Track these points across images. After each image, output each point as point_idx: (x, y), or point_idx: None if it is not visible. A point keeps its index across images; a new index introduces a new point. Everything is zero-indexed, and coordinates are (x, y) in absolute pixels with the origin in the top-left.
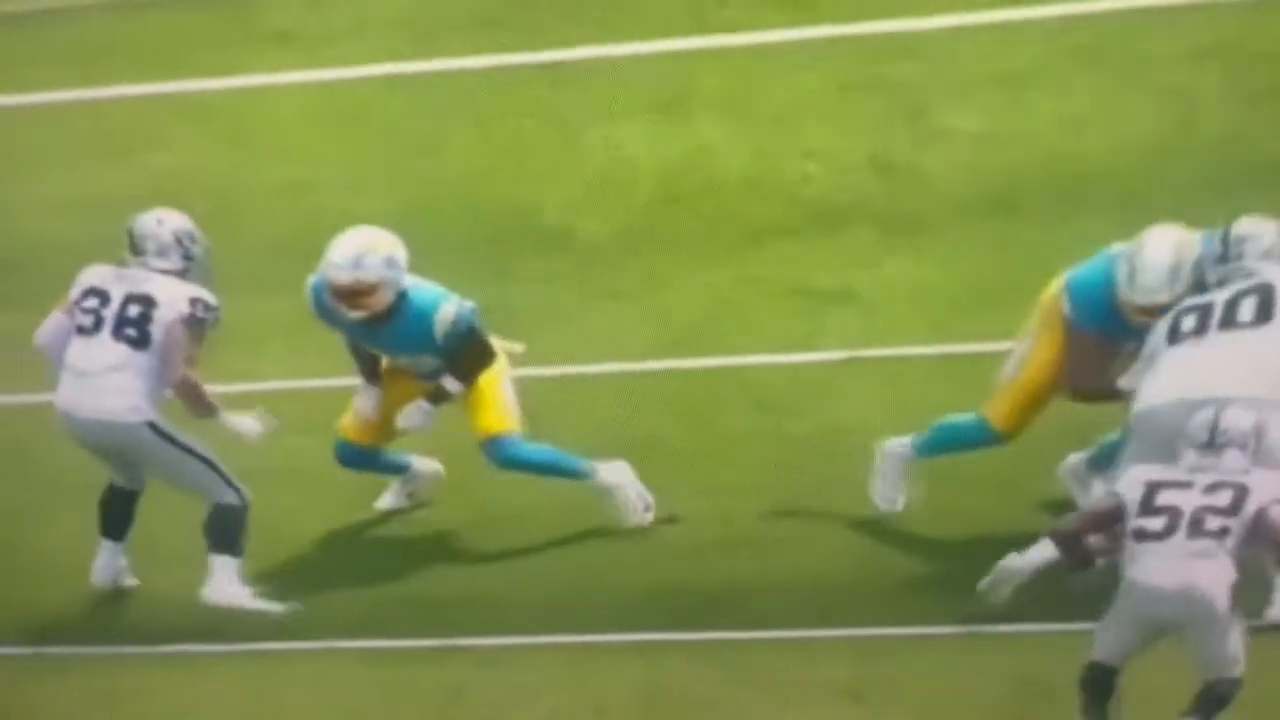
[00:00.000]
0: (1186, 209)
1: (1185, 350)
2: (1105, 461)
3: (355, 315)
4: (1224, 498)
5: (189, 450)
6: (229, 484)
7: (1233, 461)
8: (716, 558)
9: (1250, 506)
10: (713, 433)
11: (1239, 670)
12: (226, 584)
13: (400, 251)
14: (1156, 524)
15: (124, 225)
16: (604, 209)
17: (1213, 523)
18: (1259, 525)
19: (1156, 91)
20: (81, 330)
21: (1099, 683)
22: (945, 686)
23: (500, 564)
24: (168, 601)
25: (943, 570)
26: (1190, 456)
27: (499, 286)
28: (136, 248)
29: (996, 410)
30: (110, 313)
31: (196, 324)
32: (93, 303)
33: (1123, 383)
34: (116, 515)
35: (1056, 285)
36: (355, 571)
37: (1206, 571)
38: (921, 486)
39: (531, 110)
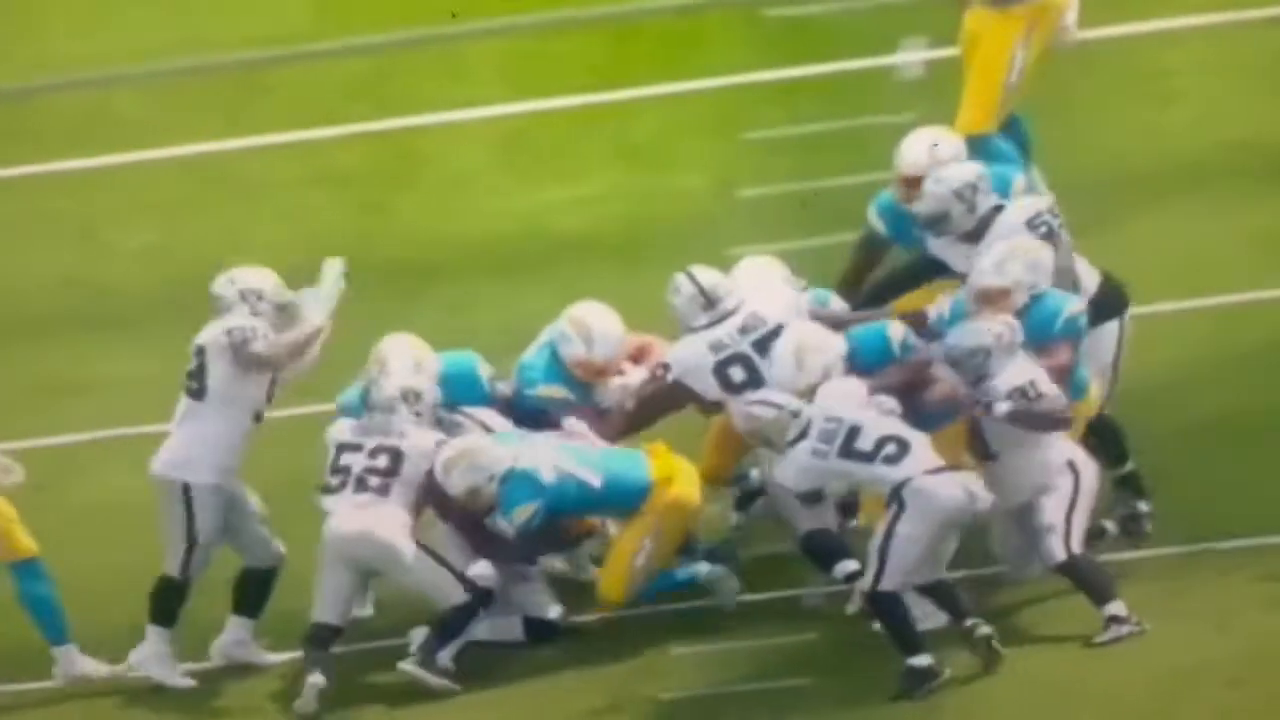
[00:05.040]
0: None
1: None
2: None
3: None
4: (383, 460)
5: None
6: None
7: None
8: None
9: (408, 468)
10: None
11: (459, 597)
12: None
13: None
14: (334, 481)
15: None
16: None
17: (374, 481)
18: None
19: (280, 209)
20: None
21: (322, 640)
22: None
23: None
24: None
25: None
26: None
27: None
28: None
29: None
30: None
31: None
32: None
33: None
34: None
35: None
36: None
37: (376, 519)
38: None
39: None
